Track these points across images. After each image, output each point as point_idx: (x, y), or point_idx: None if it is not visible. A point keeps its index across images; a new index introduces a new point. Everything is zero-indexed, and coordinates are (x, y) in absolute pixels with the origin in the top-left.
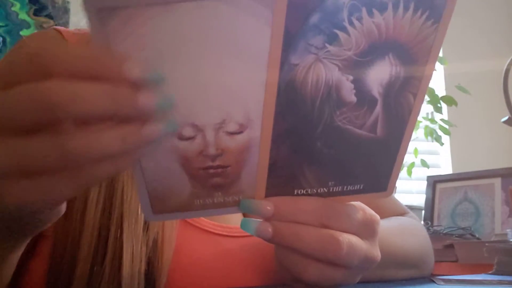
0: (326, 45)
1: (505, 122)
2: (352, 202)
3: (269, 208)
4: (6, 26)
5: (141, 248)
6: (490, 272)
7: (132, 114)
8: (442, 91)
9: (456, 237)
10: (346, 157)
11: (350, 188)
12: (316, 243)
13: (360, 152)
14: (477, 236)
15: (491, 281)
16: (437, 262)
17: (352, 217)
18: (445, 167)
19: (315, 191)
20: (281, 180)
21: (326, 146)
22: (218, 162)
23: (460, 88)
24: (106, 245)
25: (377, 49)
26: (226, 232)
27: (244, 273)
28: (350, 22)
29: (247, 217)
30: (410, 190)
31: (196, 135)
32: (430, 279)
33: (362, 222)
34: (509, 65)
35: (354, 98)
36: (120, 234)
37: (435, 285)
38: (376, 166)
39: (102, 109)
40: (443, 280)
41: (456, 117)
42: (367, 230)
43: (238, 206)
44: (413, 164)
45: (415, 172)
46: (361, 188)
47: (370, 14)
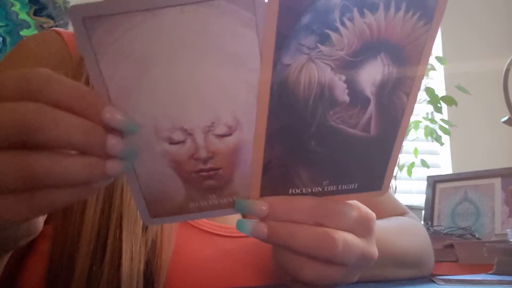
0: (318, 45)
1: (505, 122)
2: (347, 201)
3: (264, 208)
4: (6, 26)
5: (140, 248)
6: (490, 272)
7: (98, 152)
8: (442, 91)
9: (456, 237)
10: (340, 156)
11: (345, 187)
12: (311, 242)
13: (354, 151)
14: (477, 236)
15: (491, 281)
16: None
17: (347, 215)
18: (445, 167)
19: (310, 191)
20: (275, 179)
21: (320, 146)
22: (210, 164)
23: (460, 88)
24: (105, 245)
25: (369, 49)
26: (225, 232)
27: (243, 273)
28: (342, 23)
29: (245, 217)
30: (410, 190)
31: (186, 139)
32: (430, 279)
33: (358, 220)
34: (509, 65)
35: (347, 98)
36: (119, 234)
37: (435, 285)
38: (370, 165)
39: (74, 140)
40: (443, 280)
41: (456, 117)
42: (363, 227)
43: (233, 208)
44: (413, 164)
45: (415, 172)
46: (355, 187)
47: (362, 14)
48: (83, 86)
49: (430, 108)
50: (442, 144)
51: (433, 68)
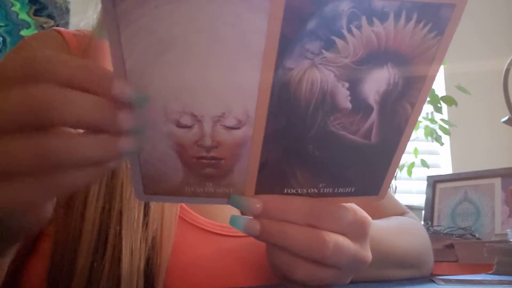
0: (323, 51)
1: (505, 122)
2: (344, 203)
3: (258, 205)
4: (6, 26)
5: (140, 244)
6: (490, 272)
7: (110, 128)
8: (442, 91)
9: (456, 237)
10: (338, 161)
11: (341, 190)
12: (302, 242)
13: (353, 157)
14: (477, 236)
15: (491, 281)
16: (437, 262)
17: (341, 217)
18: (445, 167)
19: (305, 191)
20: (271, 178)
21: (318, 150)
22: (213, 153)
23: (460, 88)
24: (106, 241)
25: (375, 58)
26: (225, 231)
27: (242, 272)
28: (349, 30)
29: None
30: (410, 190)
31: (193, 125)
32: (430, 279)
33: (352, 223)
34: (509, 65)
35: (349, 105)
36: (119, 231)
37: (435, 285)
38: (369, 171)
39: (86, 118)
40: (443, 280)
41: (456, 117)
42: (357, 231)
43: (228, 199)
44: (413, 164)
45: (415, 172)
46: (352, 191)
47: (370, 23)
48: (90, 62)
49: (430, 108)
50: (442, 144)
51: None
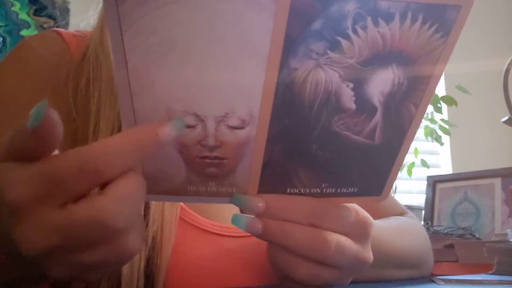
0: (328, 51)
1: (505, 122)
2: (346, 203)
3: (260, 204)
4: (6, 26)
5: None
6: (490, 272)
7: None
8: (442, 91)
9: (456, 237)
10: (341, 161)
11: (344, 190)
12: (304, 241)
13: (356, 157)
14: (477, 236)
15: (491, 281)
16: (437, 262)
17: (343, 218)
18: (445, 167)
19: (308, 191)
20: (274, 178)
21: (321, 150)
22: (216, 153)
23: (460, 88)
24: None
25: (380, 58)
26: (225, 232)
27: (243, 273)
28: (354, 31)
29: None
30: (410, 190)
31: (197, 125)
32: (430, 279)
33: (354, 223)
34: (509, 65)
35: (353, 105)
36: None
37: (435, 285)
38: (372, 172)
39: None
40: (443, 280)
41: (456, 117)
42: (359, 231)
43: (230, 198)
44: (413, 164)
45: (415, 172)
46: (355, 191)
47: (376, 23)
48: (129, 133)
49: (430, 108)
50: (442, 144)
51: None
